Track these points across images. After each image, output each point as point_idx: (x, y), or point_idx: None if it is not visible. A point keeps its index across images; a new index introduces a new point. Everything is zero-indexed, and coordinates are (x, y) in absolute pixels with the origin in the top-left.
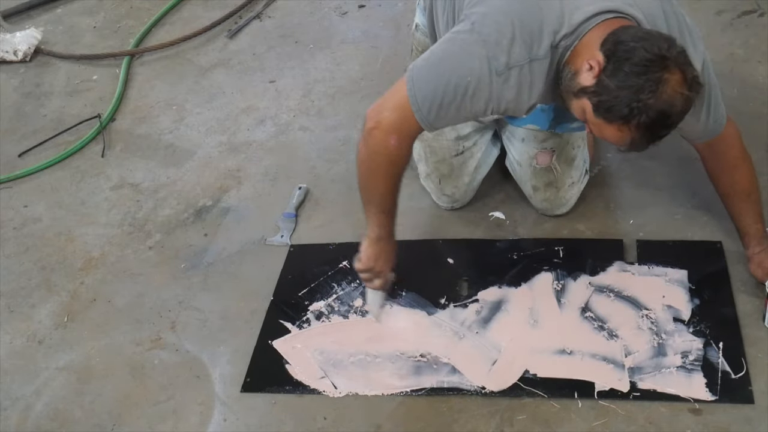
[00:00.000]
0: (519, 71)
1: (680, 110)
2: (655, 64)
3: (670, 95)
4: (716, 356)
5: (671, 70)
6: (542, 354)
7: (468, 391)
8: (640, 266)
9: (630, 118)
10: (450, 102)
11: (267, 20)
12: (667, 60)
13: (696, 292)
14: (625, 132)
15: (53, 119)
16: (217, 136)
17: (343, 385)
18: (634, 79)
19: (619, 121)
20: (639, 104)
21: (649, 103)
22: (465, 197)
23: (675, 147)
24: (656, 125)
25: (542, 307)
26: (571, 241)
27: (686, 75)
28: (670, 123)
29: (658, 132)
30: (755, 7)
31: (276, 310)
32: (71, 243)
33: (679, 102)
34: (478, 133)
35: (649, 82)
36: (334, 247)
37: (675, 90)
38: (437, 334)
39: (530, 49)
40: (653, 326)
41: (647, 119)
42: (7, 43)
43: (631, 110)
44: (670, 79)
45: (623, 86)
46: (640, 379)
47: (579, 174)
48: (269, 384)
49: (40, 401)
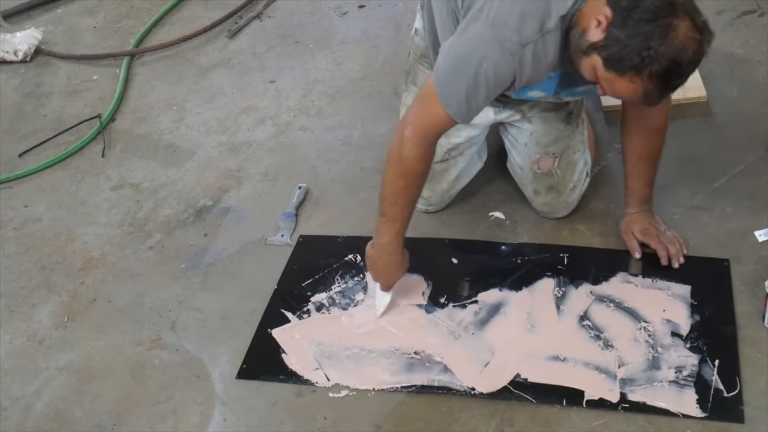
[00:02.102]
0: (533, 47)
1: (692, 57)
2: (664, 11)
3: (682, 41)
4: (711, 373)
5: (680, 16)
6: (535, 359)
7: (457, 391)
8: (644, 279)
9: (642, 68)
10: (475, 90)
11: (267, 20)
12: (676, 6)
13: (697, 308)
14: (638, 83)
15: (53, 119)
16: (217, 136)
17: (335, 377)
18: (643, 26)
19: (630, 71)
20: (650, 51)
21: (660, 50)
22: (440, 203)
23: (675, 147)
24: (669, 74)
25: (541, 313)
26: (577, 249)
27: (695, 20)
28: (683, 71)
29: (671, 81)
30: (755, 7)
31: (278, 299)
32: (71, 243)
33: (691, 47)
34: (466, 143)
35: (659, 28)
36: (342, 239)
37: (686, 35)
38: (433, 333)
39: (542, 24)
40: (650, 339)
41: (659, 67)
42: (7, 43)
43: (642, 59)
44: (680, 24)
45: (633, 34)
46: (630, 390)
47: (580, 178)
48: (264, 372)
49: (40, 401)
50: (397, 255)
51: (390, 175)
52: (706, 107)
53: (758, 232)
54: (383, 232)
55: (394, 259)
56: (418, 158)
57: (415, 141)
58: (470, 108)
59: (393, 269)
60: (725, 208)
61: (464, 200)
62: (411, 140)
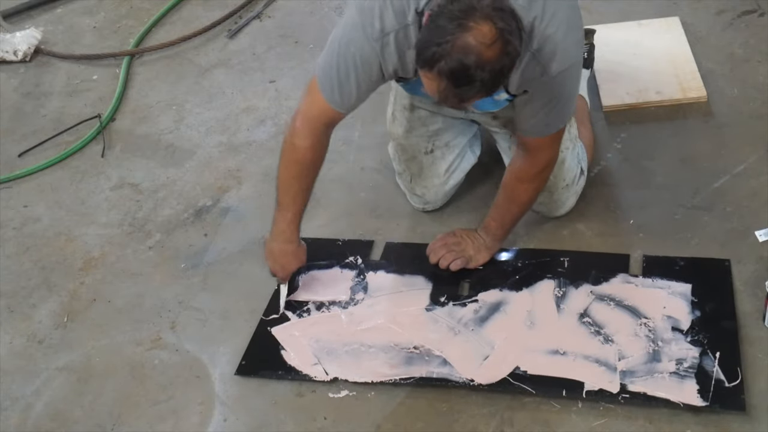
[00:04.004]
0: (395, 36)
1: (478, 61)
2: (463, 12)
3: (469, 43)
4: (711, 365)
5: (477, 19)
6: (535, 353)
7: (456, 383)
8: (644, 279)
9: (433, 63)
10: (346, 75)
11: (267, 20)
12: (475, 10)
13: (698, 304)
14: (433, 80)
15: (53, 119)
16: (217, 136)
17: (334, 371)
18: (441, 23)
19: (425, 67)
20: (439, 48)
21: (447, 48)
22: (437, 200)
23: (675, 147)
24: (456, 74)
25: (540, 311)
26: (577, 253)
27: (496, 27)
28: (471, 74)
29: (460, 83)
30: (755, 7)
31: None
32: (71, 243)
33: (477, 51)
34: (451, 134)
35: (451, 27)
36: (342, 243)
37: (476, 39)
38: (433, 329)
39: (402, 15)
40: (650, 334)
41: (445, 66)
42: (7, 43)
43: (433, 54)
44: (474, 27)
45: (431, 30)
46: (631, 382)
47: (572, 175)
48: (263, 368)
49: (40, 401)
50: (290, 244)
51: (282, 164)
52: (706, 107)
53: (758, 232)
54: (278, 221)
55: (289, 249)
56: (309, 147)
57: (305, 131)
58: (343, 94)
59: (288, 258)
60: (725, 208)
61: (464, 200)
62: (301, 130)
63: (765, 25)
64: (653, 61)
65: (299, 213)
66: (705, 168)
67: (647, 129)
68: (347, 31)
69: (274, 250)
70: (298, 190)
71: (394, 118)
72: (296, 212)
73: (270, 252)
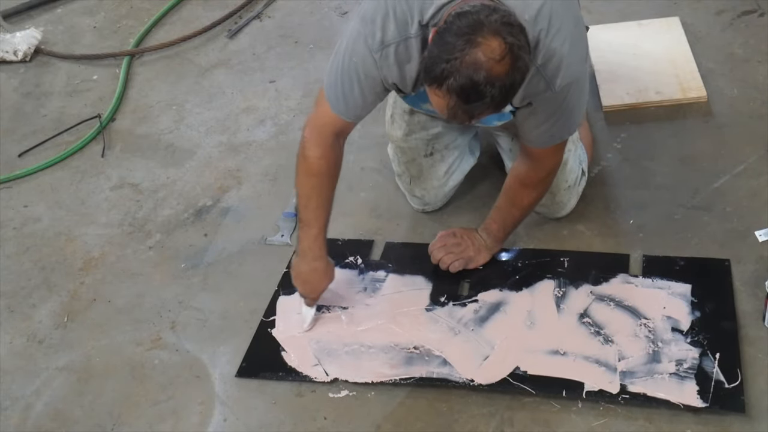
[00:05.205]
0: (395, 48)
1: (488, 77)
2: (472, 28)
3: (478, 59)
4: (711, 366)
5: (486, 35)
6: (535, 353)
7: (456, 383)
8: (644, 279)
9: (441, 80)
10: (350, 86)
11: (267, 20)
12: (483, 25)
13: (698, 305)
14: (442, 97)
15: (53, 119)
16: (217, 136)
17: (334, 372)
18: (449, 39)
19: (434, 84)
20: (448, 65)
21: (457, 65)
22: (436, 201)
23: (675, 147)
24: (466, 90)
25: (540, 311)
26: (577, 253)
27: (506, 42)
28: (482, 90)
29: (470, 100)
30: (755, 7)
31: (279, 299)
32: (71, 243)
33: (487, 67)
34: (451, 137)
35: (460, 43)
36: (342, 242)
37: (486, 55)
38: (432, 329)
39: (405, 27)
40: (650, 334)
41: (455, 83)
42: (7, 43)
43: (442, 71)
44: (483, 43)
45: (439, 47)
46: (631, 382)
47: (574, 177)
48: (264, 370)
49: (40, 401)
50: (319, 261)
51: (298, 179)
52: (706, 107)
53: (758, 232)
54: (302, 239)
55: (318, 266)
56: (319, 157)
57: (314, 141)
58: (348, 104)
59: (317, 277)
60: (725, 208)
61: (464, 200)
62: (310, 140)
63: (765, 25)
64: (653, 61)
65: (323, 228)
66: (705, 168)
67: (647, 129)
68: (350, 41)
69: (302, 271)
70: (318, 204)
71: (393, 121)
72: (320, 227)
73: (298, 274)
